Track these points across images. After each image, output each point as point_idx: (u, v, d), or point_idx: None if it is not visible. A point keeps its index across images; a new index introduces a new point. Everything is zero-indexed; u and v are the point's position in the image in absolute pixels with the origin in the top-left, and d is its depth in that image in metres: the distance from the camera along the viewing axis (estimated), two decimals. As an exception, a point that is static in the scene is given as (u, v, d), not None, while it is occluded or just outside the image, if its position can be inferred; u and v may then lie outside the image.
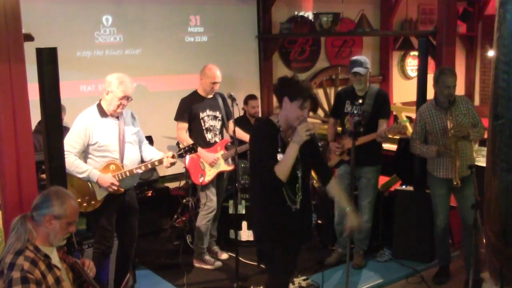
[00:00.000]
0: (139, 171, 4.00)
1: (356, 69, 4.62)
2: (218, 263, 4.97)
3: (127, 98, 3.88)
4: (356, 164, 4.19)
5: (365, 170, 4.76)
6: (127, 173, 3.92)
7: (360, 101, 4.65)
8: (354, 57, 4.73)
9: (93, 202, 3.90)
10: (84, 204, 3.87)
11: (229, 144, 5.01)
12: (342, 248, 4.96)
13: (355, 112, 4.69)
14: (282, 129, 3.27)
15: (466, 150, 4.39)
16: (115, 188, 3.87)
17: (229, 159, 4.96)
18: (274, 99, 7.06)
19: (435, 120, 4.42)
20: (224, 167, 4.91)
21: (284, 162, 3.16)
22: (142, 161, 4.13)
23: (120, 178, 3.90)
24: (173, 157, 4.04)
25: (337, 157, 4.82)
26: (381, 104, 4.68)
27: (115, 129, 3.93)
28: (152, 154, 4.14)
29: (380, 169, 4.88)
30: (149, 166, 4.05)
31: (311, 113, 3.41)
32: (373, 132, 4.57)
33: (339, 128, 4.97)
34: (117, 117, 3.96)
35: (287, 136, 3.29)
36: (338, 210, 4.90)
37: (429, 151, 4.43)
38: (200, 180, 4.76)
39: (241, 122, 5.79)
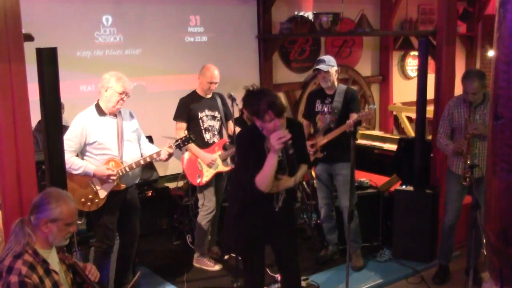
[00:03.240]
0: (138, 165, 4.01)
1: (318, 66, 4.73)
2: (218, 264, 4.97)
3: (126, 93, 3.92)
4: (330, 160, 4.21)
5: (339, 167, 4.74)
6: (127, 168, 3.94)
7: (330, 99, 4.74)
8: (319, 57, 4.86)
9: (96, 200, 3.92)
10: (89, 204, 3.90)
11: (227, 144, 5.01)
12: (332, 245, 5.03)
13: (325, 110, 4.75)
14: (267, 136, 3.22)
15: (486, 151, 4.21)
16: (114, 178, 3.88)
17: (227, 159, 4.95)
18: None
19: (462, 115, 4.40)
20: (222, 167, 4.90)
21: (264, 174, 3.12)
22: (142, 158, 4.14)
23: (120, 174, 3.92)
24: (170, 147, 4.07)
25: (311, 156, 4.83)
26: (350, 100, 4.73)
27: (114, 127, 3.96)
28: (151, 150, 4.16)
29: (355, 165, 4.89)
30: (148, 159, 4.07)
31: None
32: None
33: (312, 130, 5.01)
34: (115, 115, 3.98)
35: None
36: (322, 208, 4.95)
37: (447, 148, 4.43)
38: (198, 181, 4.76)
39: (238, 124, 5.75)
